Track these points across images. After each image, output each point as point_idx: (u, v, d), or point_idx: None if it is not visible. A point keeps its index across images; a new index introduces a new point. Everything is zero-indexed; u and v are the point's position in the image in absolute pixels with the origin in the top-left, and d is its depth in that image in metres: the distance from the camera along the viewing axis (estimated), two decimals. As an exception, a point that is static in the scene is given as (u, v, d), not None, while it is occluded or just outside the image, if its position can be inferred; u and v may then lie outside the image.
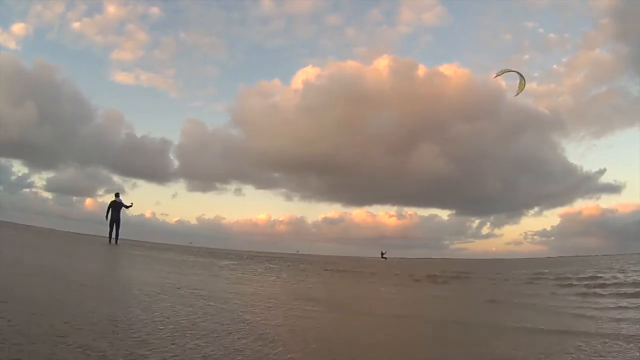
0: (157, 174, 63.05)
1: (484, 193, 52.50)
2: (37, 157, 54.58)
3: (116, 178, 72.06)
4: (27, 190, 51.98)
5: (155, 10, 63.26)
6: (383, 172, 54.29)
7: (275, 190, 64.74)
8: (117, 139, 55.11)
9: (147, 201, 66.18)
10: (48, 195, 50.51)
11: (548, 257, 40.15)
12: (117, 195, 15.42)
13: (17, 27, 60.55)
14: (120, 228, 15.45)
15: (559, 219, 67.45)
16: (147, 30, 64.33)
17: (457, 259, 34.26)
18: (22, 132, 47.15)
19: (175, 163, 59.08)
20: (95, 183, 65.93)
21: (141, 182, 71.72)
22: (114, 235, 15.45)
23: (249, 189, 65.21)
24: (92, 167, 57.37)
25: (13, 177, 51.79)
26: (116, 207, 15.26)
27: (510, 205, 67.70)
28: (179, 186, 58.63)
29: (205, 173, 58.01)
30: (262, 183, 76.00)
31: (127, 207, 15.63)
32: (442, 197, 59.59)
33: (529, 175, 54.79)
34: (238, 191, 60.95)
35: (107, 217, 15.35)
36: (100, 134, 54.26)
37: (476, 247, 56.90)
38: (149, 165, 54.58)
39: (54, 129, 50.70)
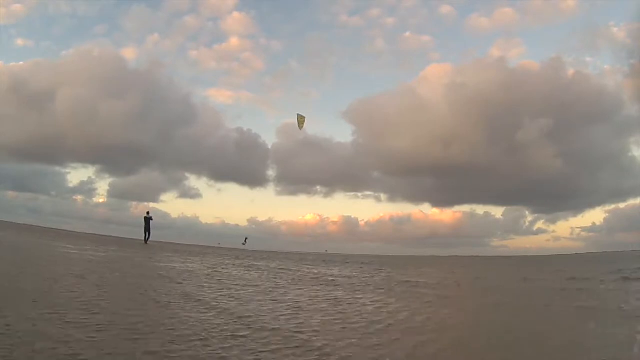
0: (249, 177, 62.30)
1: (553, 189, 49.39)
2: (117, 163, 56.31)
3: (198, 182, 75.25)
4: (80, 196, 54.63)
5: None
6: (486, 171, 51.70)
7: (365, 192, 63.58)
8: (212, 142, 55.65)
9: (243, 205, 66.74)
10: (101, 200, 52.50)
11: (588, 253, 38.27)
12: (148, 213, 21.95)
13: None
14: (150, 233, 21.72)
15: (605, 215, 62.34)
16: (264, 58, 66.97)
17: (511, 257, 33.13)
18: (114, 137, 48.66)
19: (270, 167, 59.11)
20: (167, 187, 67.71)
21: (231, 186, 72.70)
22: (147, 238, 21.68)
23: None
24: (175, 171, 58.18)
25: (72, 185, 55.09)
26: (147, 220, 21.69)
27: (575, 203, 63.37)
28: (269, 190, 59.31)
29: (299, 177, 57.03)
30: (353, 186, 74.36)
31: (152, 219, 21.96)
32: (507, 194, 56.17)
33: (604, 173, 51.29)
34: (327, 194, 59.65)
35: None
36: (197, 137, 54.57)
37: (516, 244, 54.56)
38: (239, 167, 54.53)
39: (152, 133, 51.92)
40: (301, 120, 16.87)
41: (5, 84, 45.63)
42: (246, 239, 33.75)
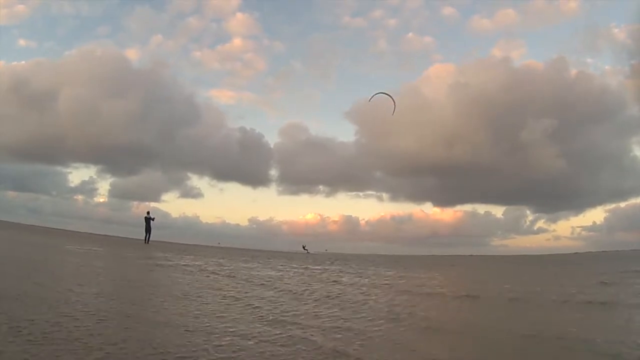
0: (252, 177, 61.16)
1: (555, 189, 49.19)
2: (118, 162, 56.24)
3: (200, 181, 75.03)
4: (81, 196, 54.15)
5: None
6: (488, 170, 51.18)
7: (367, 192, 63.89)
8: (214, 142, 55.42)
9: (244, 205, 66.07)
10: (102, 200, 51.97)
11: (588, 252, 38.03)
12: (148, 213, 21.56)
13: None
14: (151, 233, 21.42)
15: (606, 214, 62.18)
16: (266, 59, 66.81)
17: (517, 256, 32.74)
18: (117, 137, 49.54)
19: (272, 167, 58.79)
20: (169, 187, 67.42)
21: (233, 185, 72.34)
22: (147, 238, 21.35)
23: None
24: (177, 171, 57.88)
25: (72, 185, 54.59)
26: (147, 220, 21.37)
27: (576, 202, 63.28)
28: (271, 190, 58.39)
29: (301, 177, 56.81)
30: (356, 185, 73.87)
31: (153, 219, 21.53)
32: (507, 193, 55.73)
33: (605, 172, 51.17)
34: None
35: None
36: (200, 137, 54.57)
37: (517, 243, 54.38)
38: (242, 167, 54.01)
39: (154, 133, 51.93)
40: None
41: (6, 83, 45.74)
42: (304, 246, 33.25)
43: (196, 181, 70.67)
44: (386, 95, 15.60)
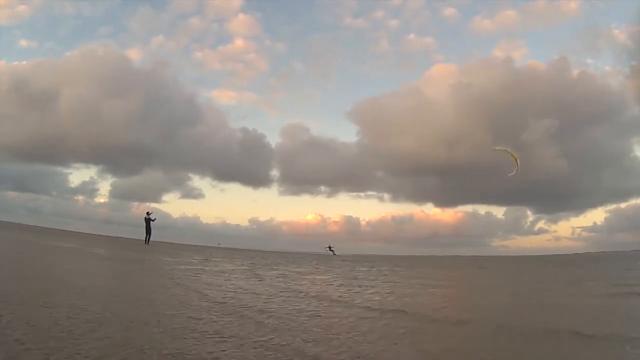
0: (253, 178, 60.46)
1: (556, 189, 48.92)
2: (119, 163, 56.17)
3: (201, 182, 75.04)
4: (82, 197, 53.97)
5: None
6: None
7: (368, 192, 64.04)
8: (216, 142, 55.11)
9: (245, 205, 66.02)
10: (102, 200, 51.72)
11: (587, 252, 38.03)
12: (148, 213, 21.36)
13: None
14: (151, 233, 21.20)
15: (606, 214, 62.11)
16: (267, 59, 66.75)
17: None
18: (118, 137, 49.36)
19: (274, 167, 58.33)
20: (170, 187, 67.48)
21: (234, 186, 71.73)
22: (147, 239, 21.20)
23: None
24: (178, 171, 57.78)
25: (73, 185, 54.38)
26: (147, 220, 21.14)
27: (576, 203, 62.86)
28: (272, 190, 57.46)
29: (302, 177, 56.63)
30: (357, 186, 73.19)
31: (153, 220, 21.28)
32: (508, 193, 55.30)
33: (606, 173, 50.99)
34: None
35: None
36: (201, 137, 55.37)
37: (517, 244, 54.32)
38: (243, 167, 53.62)
39: (155, 133, 51.80)
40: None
41: (7, 83, 45.88)
42: (330, 246, 32.82)
43: (197, 181, 71.26)
44: (509, 153, 15.64)
